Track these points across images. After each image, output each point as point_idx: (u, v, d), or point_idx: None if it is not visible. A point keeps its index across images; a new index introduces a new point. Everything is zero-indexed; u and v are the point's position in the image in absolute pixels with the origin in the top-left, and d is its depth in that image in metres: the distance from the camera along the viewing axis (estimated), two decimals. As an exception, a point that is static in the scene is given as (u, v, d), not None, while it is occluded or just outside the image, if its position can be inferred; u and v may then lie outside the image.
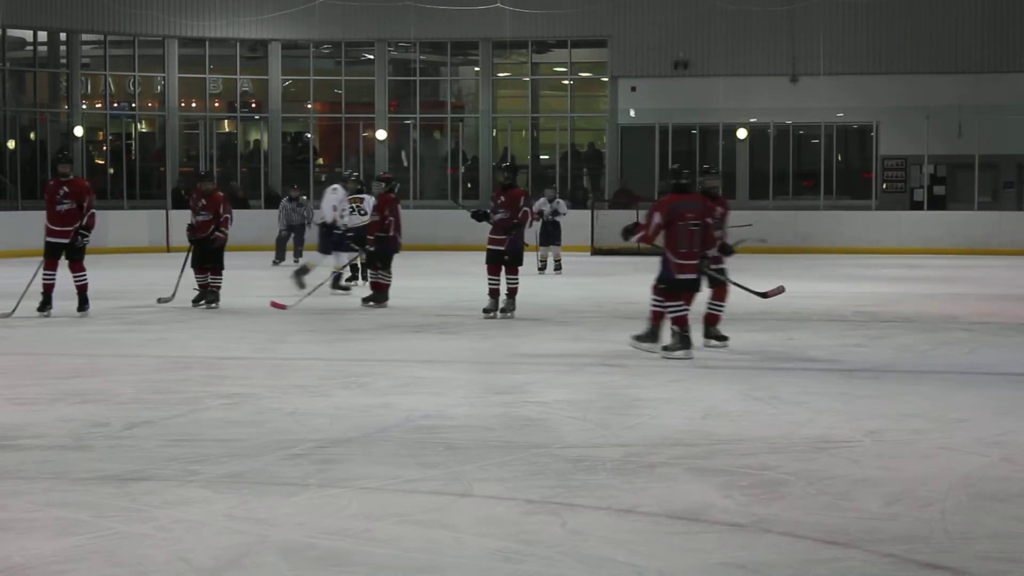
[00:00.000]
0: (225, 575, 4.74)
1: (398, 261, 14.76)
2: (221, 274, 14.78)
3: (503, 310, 13.45)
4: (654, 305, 10.76)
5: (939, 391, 8.94)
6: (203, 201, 14.81)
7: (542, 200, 20.85)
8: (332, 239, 16.67)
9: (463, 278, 19.23)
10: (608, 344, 11.48)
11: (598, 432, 7.46)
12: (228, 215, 14.76)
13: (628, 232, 11.48)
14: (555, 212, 20.80)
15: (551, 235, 20.73)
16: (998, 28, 28.86)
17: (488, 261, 13.50)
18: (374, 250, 14.72)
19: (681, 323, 10.47)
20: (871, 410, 8.11)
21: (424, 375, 9.65)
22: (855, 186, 30.18)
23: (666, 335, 10.66)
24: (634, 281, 18.74)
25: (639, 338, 10.75)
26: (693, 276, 10.68)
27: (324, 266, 16.43)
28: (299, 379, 9.50)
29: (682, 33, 29.85)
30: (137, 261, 24.51)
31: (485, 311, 13.42)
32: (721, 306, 11.35)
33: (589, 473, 6.32)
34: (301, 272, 15.93)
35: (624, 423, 7.77)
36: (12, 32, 29.79)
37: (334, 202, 16.76)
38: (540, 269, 20.46)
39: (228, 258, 15.05)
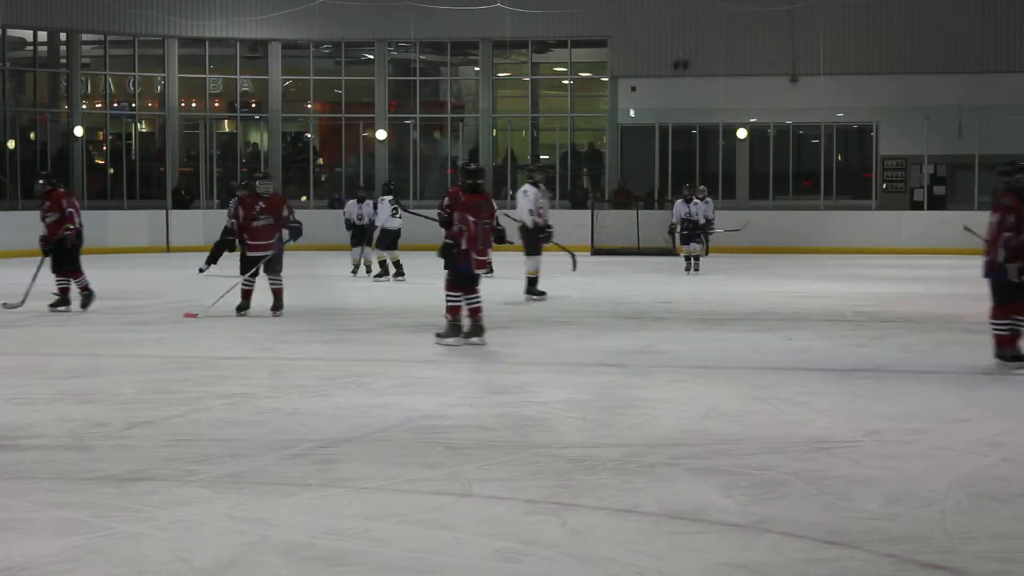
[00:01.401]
0: (225, 575, 4.74)
1: (406, 260, 14.67)
2: (80, 276, 14.29)
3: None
4: (450, 301, 11.52)
5: (939, 391, 8.93)
6: (46, 203, 14.24)
7: (351, 201, 20.43)
8: (535, 239, 15.74)
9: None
10: (608, 344, 11.48)
11: (598, 432, 7.46)
12: (72, 210, 14.18)
13: (449, 250, 11.54)
14: (361, 216, 20.00)
15: (363, 236, 20.11)
16: (998, 28, 28.87)
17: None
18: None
19: (455, 312, 11.44)
20: (871, 410, 8.11)
21: (424, 375, 9.65)
22: (855, 186, 30.18)
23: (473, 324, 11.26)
24: (634, 281, 18.77)
25: (442, 335, 11.39)
26: (482, 271, 11.75)
27: (532, 267, 15.70)
28: (299, 379, 9.50)
29: (682, 33, 29.86)
30: (137, 261, 24.52)
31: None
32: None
33: (589, 473, 6.32)
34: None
35: (624, 423, 7.77)
36: (12, 32, 29.81)
37: (528, 204, 15.89)
38: (376, 275, 19.82)
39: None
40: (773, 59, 29.47)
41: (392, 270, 19.21)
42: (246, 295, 13.79)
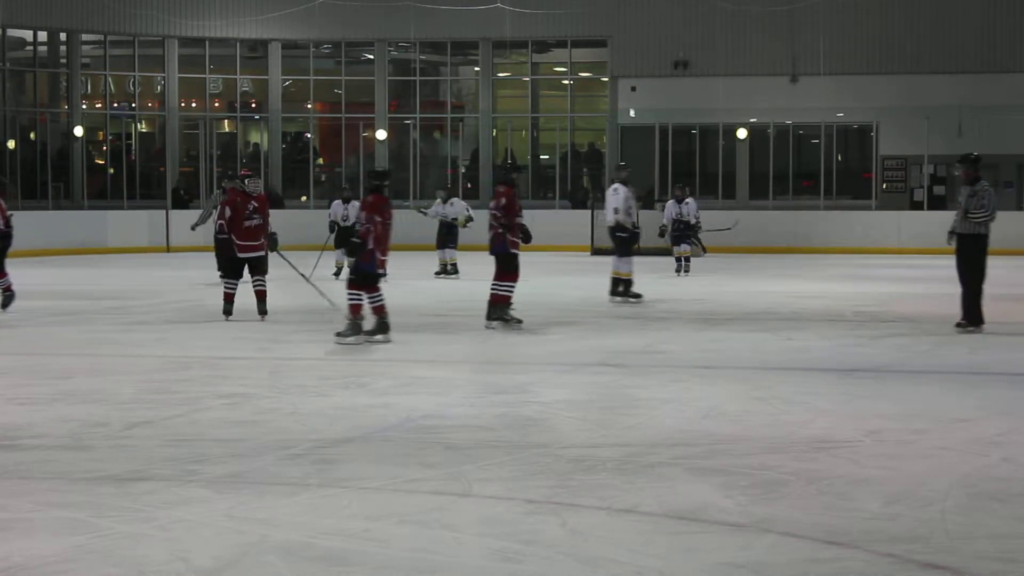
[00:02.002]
0: (225, 575, 4.74)
1: (396, 260, 14.67)
2: (4, 276, 14.11)
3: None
4: (351, 299, 11.66)
5: (939, 391, 8.93)
6: None
7: (437, 202, 20.29)
8: (625, 240, 15.41)
9: (463, 278, 19.24)
10: (608, 344, 11.49)
11: (598, 432, 7.46)
12: None
13: (360, 248, 11.66)
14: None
15: (447, 238, 19.85)
16: (998, 28, 28.87)
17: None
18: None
19: (355, 311, 11.57)
20: (871, 410, 8.11)
21: (424, 375, 9.65)
22: (855, 186, 30.18)
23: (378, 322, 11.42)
24: (638, 282, 18.75)
25: (342, 334, 11.50)
26: (384, 271, 12.02)
27: (625, 269, 15.34)
28: (299, 379, 9.50)
29: (682, 33, 29.86)
30: (137, 261, 24.51)
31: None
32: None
33: (589, 473, 6.32)
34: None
35: (624, 423, 7.77)
36: (12, 32, 29.82)
37: (616, 203, 15.43)
38: (436, 273, 19.81)
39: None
40: (773, 59, 29.47)
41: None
42: (230, 298, 13.47)
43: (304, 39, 31.44)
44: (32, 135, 30.77)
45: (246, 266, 13.52)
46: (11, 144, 29.47)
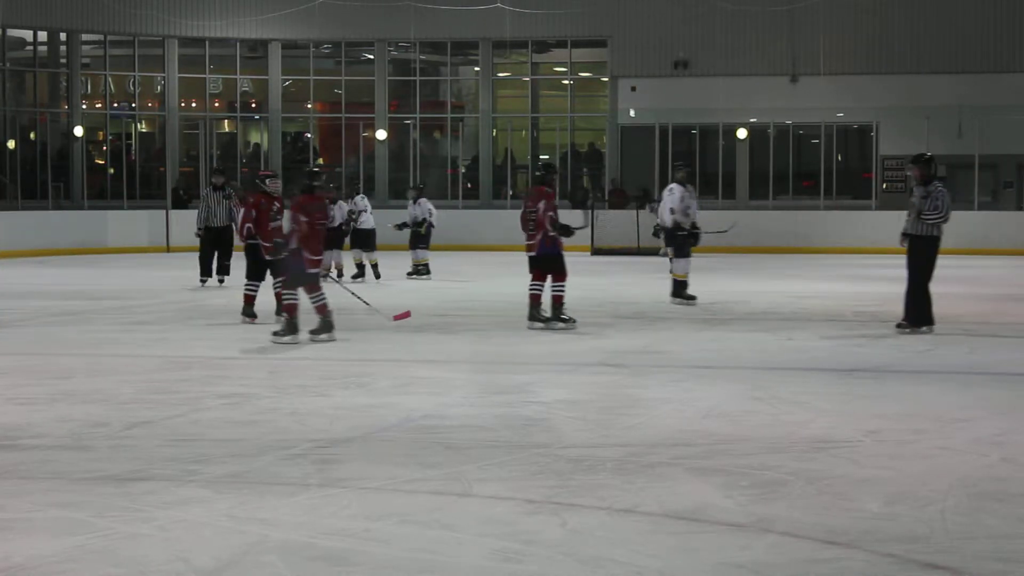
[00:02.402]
0: (225, 575, 4.75)
1: (397, 260, 14.71)
2: None
3: (546, 319, 12.64)
4: (287, 299, 11.88)
5: (939, 391, 8.93)
6: None
7: (349, 201, 19.44)
8: (683, 241, 15.14)
9: (463, 278, 19.25)
10: (608, 344, 11.49)
11: (598, 432, 7.46)
12: None
13: (281, 248, 11.87)
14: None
15: (363, 240, 19.10)
16: (998, 28, 28.87)
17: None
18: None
19: (291, 311, 11.74)
20: (871, 410, 8.11)
21: (424, 375, 9.65)
22: (855, 186, 30.18)
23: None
24: (634, 282, 18.76)
25: (279, 333, 11.71)
26: (316, 271, 11.99)
27: (681, 271, 15.14)
28: (299, 379, 9.50)
29: (682, 33, 29.86)
30: (137, 261, 24.52)
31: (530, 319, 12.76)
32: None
33: (589, 473, 6.32)
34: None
35: (624, 423, 7.77)
36: (12, 32, 29.81)
37: (672, 203, 15.23)
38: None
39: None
40: (773, 59, 29.47)
41: (369, 271, 18.86)
42: (252, 300, 13.47)
43: (304, 39, 31.44)
44: (32, 135, 30.77)
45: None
46: (11, 144, 29.47)
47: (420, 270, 19.62)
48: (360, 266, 19.02)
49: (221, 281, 17.64)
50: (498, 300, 14.75)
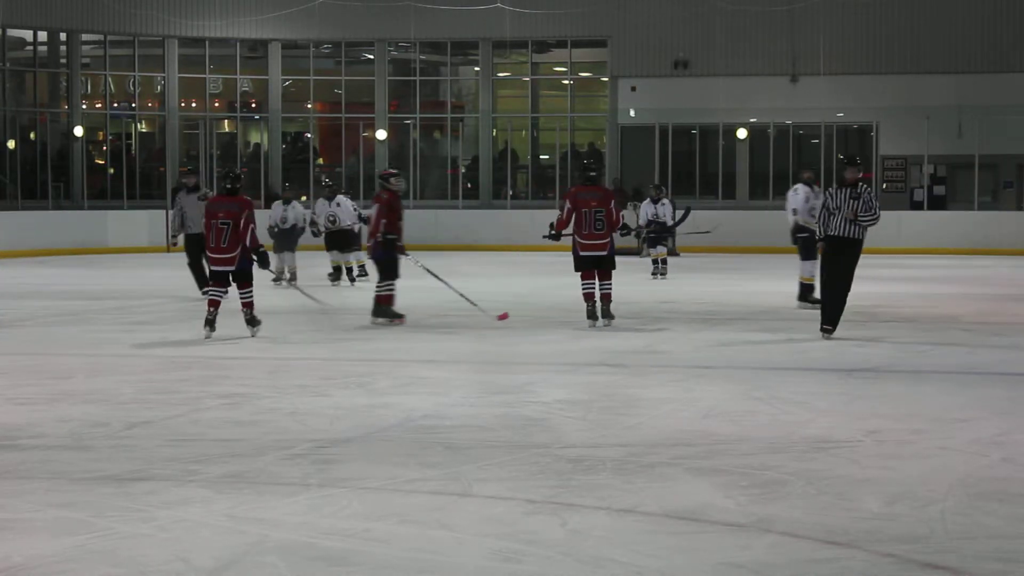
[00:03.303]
0: (225, 575, 4.75)
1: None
2: None
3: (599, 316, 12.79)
4: (210, 295, 12.22)
5: (939, 391, 8.93)
6: None
7: (277, 203, 18.95)
8: (808, 242, 14.33)
9: (463, 278, 19.24)
10: (608, 344, 11.48)
11: (598, 432, 7.46)
12: None
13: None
14: (284, 219, 18.42)
15: (285, 241, 18.38)
16: (998, 28, 28.87)
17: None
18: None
19: (213, 306, 12.00)
20: (871, 410, 8.11)
21: (424, 375, 9.65)
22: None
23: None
24: (634, 281, 18.75)
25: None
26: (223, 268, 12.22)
27: (807, 273, 14.53)
28: (299, 379, 9.50)
29: (682, 33, 29.85)
30: (137, 261, 24.52)
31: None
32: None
33: (589, 473, 6.32)
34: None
35: (624, 423, 7.77)
36: (12, 32, 29.81)
37: (795, 204, 14.93)
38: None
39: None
40: (773, 59, 29.46)
41: (347, 272, 18.21)
42: (392, 300, 13.26)
43: (304, 39, 31.43)
44: (32, 135, 30.76)
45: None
46: (11, 144, 29.46)
47: (357, 273, 18.46)
48: (337, 268, 18.36)
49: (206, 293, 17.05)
50: (498, 300, 14.74)
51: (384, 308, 13.10)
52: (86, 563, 4.87)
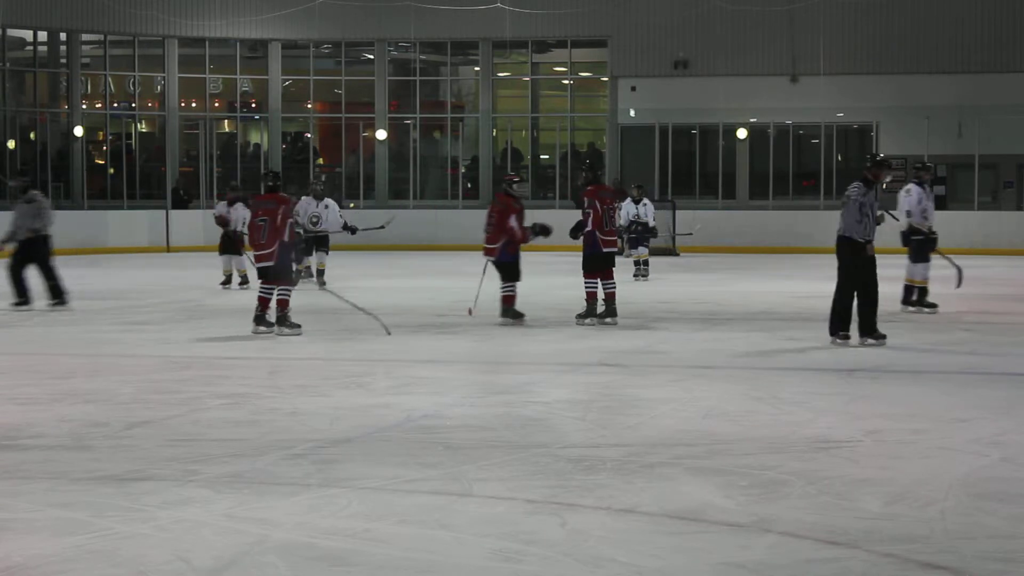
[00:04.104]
0: (225, 575, 4.74)
1: (397, 261, 14.65)
2: None
3: (600, 315, 12.94)
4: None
5: (939, 391, 8.93)
6: None
7: (222, 203, 18.15)
8: (920, 244, 14.37)
9: (463, 278, 19.23)
10: (608, 344, 11.48)
11: (598, 432, 7.46)
12: None
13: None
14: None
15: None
16: (998, 28, 28.87)
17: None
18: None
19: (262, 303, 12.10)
20: (871, 410, 8.11)
21: (424, 375, 9.65)
22: (855, 186, 30.13)
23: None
24: (634, 281, 18.75)
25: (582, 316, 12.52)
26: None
27: (920, 276, 14.41)
28: (299, 379, 9.50)
29: (682, 33, 29.85)
30: (137, 261, 24.52)
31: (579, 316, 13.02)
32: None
33: (589, 473, 6.32)
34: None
35: (624, 423, 7.77)
36: (12, 32, 29.81)
37: (908, 205, 14.48)
38: (223, 283, 17.52)
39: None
40: (773, 59, 29.46)
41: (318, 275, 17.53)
42: (513, 300, 13.20)
43: (304, 39, 31.43)
44: (32, 135, 30.76)
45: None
46: (11, 144, 29.46)
47: (320, 280, 17.46)
48: (320, 271, 17.76)
49: (56, 304, 14.65)
50: (498, 300, 14.72)
51: (509, 309, 13.08)
52: (86, 563, 4.87)
